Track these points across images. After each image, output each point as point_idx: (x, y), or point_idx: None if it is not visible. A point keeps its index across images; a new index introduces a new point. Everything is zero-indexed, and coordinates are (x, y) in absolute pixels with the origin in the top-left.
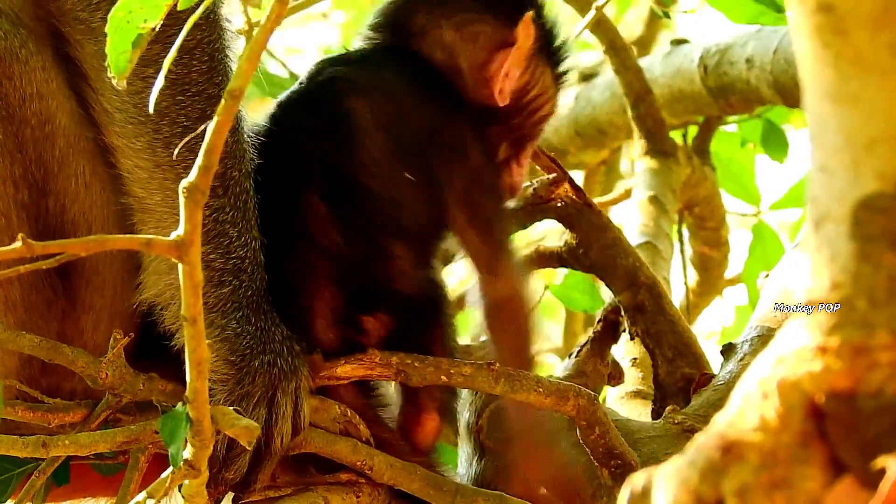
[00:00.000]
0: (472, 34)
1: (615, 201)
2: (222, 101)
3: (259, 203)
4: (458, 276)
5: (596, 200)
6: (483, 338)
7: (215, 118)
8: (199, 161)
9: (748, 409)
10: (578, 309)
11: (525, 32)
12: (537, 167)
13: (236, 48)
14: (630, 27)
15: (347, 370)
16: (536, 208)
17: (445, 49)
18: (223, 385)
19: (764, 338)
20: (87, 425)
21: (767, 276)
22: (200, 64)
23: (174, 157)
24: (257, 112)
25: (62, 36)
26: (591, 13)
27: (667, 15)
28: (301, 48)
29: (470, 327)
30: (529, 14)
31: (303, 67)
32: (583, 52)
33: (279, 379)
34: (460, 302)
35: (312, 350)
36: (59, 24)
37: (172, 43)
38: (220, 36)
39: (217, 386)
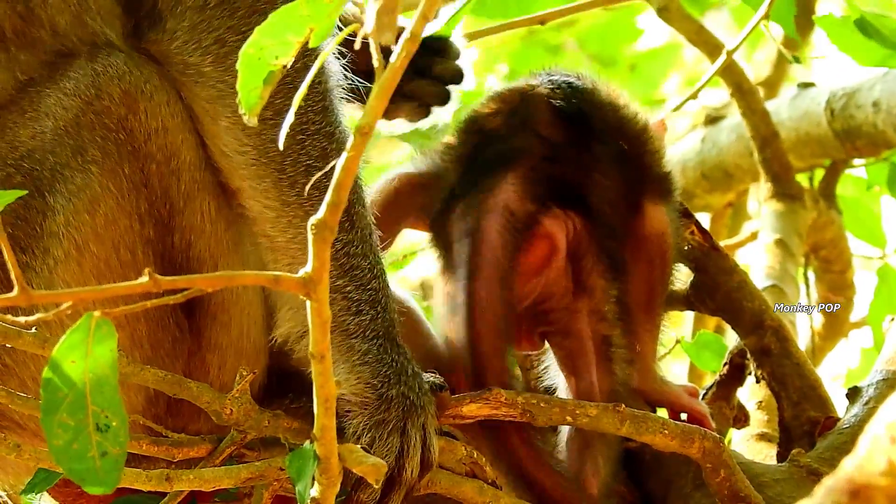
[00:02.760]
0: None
1: (741, 244)
2: (351, 137)
3: None
4: None
5: (722, 243)
6: None
7: (345, 154)
8: (327, 198)
9: (876, 453)
10: (707, 369)
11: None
12: None
13: (342, 83)
14: (758, 67)
15: (473, 409)
16: None
17: None
18: (363, 409)
19: (890, 381)
20: (211, 460)
21: (893, 319)
22: (314, 103)
23: (301, 196)
24: (379, 149)
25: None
26: (722, 57)
27: (797, 60)
28: None
29: None
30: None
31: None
32: (709, 92)
33: (410, 412)
34: None
35: (440, 388)
36: (165, 67)
37: (284, 83)
38: (328, 76)
39: (356, 409)
